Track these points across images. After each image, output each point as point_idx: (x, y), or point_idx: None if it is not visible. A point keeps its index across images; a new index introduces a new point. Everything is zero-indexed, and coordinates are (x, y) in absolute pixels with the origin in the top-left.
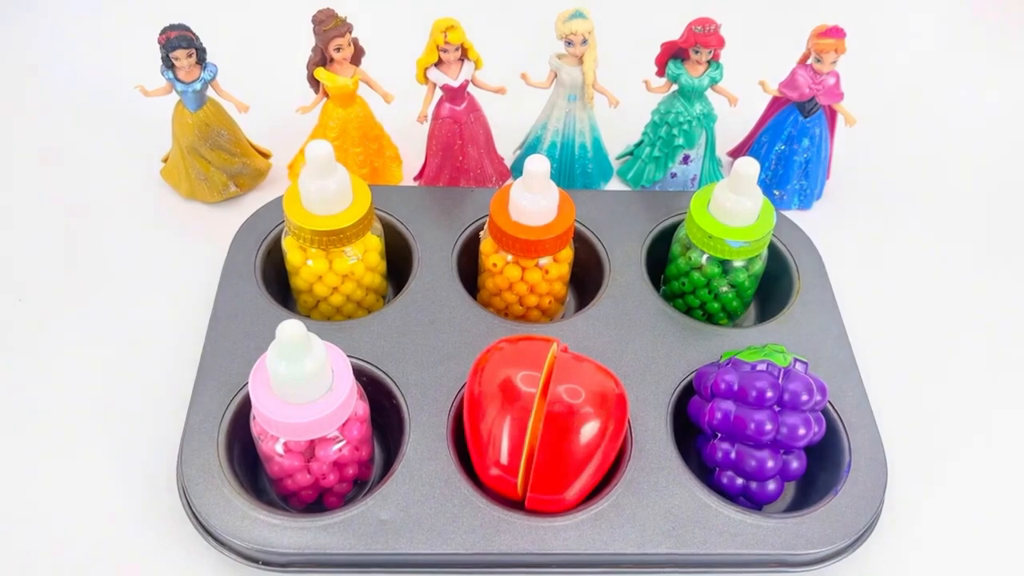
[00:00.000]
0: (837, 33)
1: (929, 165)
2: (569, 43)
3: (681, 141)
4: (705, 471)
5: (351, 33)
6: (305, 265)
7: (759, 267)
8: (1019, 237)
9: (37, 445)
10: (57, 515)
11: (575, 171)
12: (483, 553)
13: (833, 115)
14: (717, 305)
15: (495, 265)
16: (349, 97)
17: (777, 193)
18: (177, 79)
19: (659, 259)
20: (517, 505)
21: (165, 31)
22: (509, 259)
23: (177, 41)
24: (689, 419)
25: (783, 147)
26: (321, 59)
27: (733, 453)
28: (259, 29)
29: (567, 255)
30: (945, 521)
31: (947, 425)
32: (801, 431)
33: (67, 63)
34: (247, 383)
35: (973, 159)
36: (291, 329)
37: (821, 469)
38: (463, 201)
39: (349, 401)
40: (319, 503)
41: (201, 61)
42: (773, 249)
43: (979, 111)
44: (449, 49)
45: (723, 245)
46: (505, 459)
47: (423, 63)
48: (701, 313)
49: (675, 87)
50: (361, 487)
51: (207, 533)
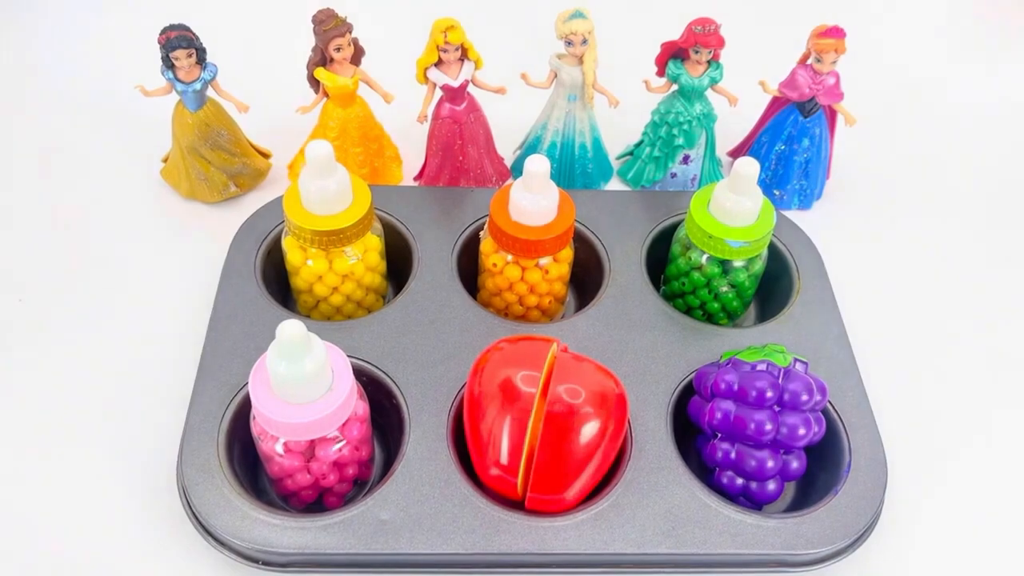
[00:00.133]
0: (837, 33)
1: (929, 165)
2: (569, 43)
3: (681, 141)
4: (705, 471)
5: (351, 33)
6: (305, 265)
7: (759, 267)
8: (1019, 237)
9: (37, 445)
10: (57, 515)
11: (575, 171)
12: (483, 553)
13: (833, 115)
14: (717, 305)
15: (495, 265)
16: (349, 97)
17: (777, 193)
18: (177, 79)
19: (659, 259)
20: (517, 505)
21: (165, 31)
22: (509, 259)
23: (177, 41)
24: (689, 419)
25: (783, 147)
26: (321, 59)
27: (733, 453)
28: (259, 29)
29: (567, 255)
30: (945, 521)
31: (947, 425)
32: (801, 431)
33: (67, 63)
34: (247, 383)
35: (973, 159)
36: (291, 329)
37: (821, 469)
38: (463, 201)
39: (349, 401)
40: (319, 503)
41: (201, 61)
42: (773, 249)
43: (979, 111)
44: (449, 49)
45: (723, 245)
46: (505, 459)
47: (423, 63)
48: (701, 313)
49: (675, 87)
50: (361, 487)
51: (207, 533)
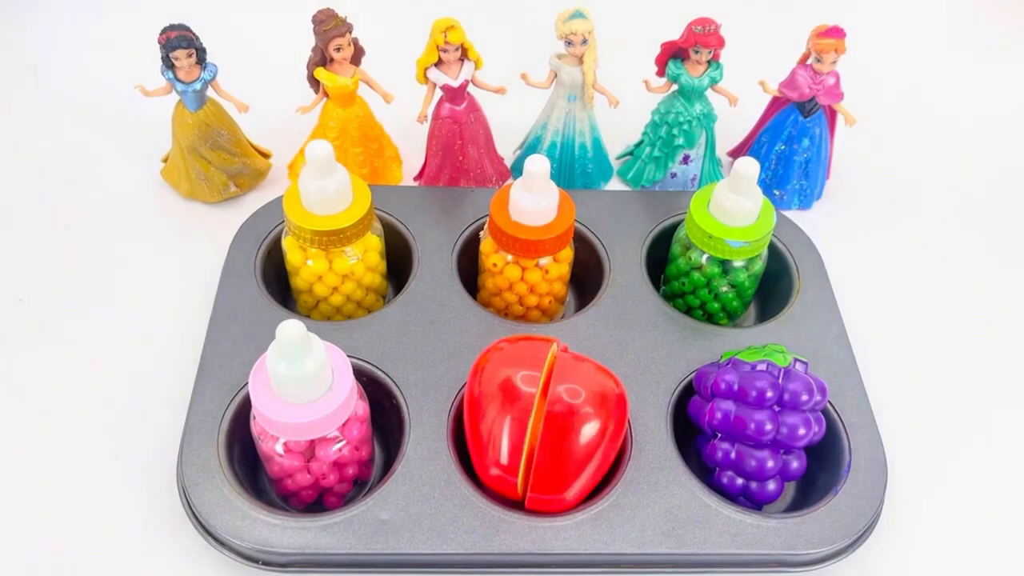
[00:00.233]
0: (837, 33)
1: (929, 165)
2: (569, 43)
3: (681, 141)
4: (705, 471)
5: (351, 33)
6: (305, 265)
7: (759, 267)
8: (1019, 237)
9: (37, 445)
10: (57, 515)
11: (575, 171)
12: (483, 553)
13: (833, 115)
14: (717, 305)
15: (495, 265)
16: (349, 97)
17: (777, 193)
18: (177, 79)
19: (659, 259)
20: (517, 505)
21: (165, 31)
22: (509, 259)
23: (177, 41)
24: (689, 419)
25: (783, 147)
26: (321, 59)
27: (733, 453)
28: (259, 29)
29: (567, 255)
30: (945, 521)
31: (947, 425)
32: (801, 431)
33: (67, 63)
34: (247, 383)
35: (973, 159)
36: (291, 329)
37: (821, 469)
38: (463, 201)
39: (349, 401)
40: (319, 503)
41: (201, 61)
42: (773, 249)
43: (979, 111)
44: (449, 49)
45: (723, 245)
46: (505, 459)
47: (423, 63)
48: (701, 313)
49: (675, 87)
50: (361, 487)
51: (207, 533)
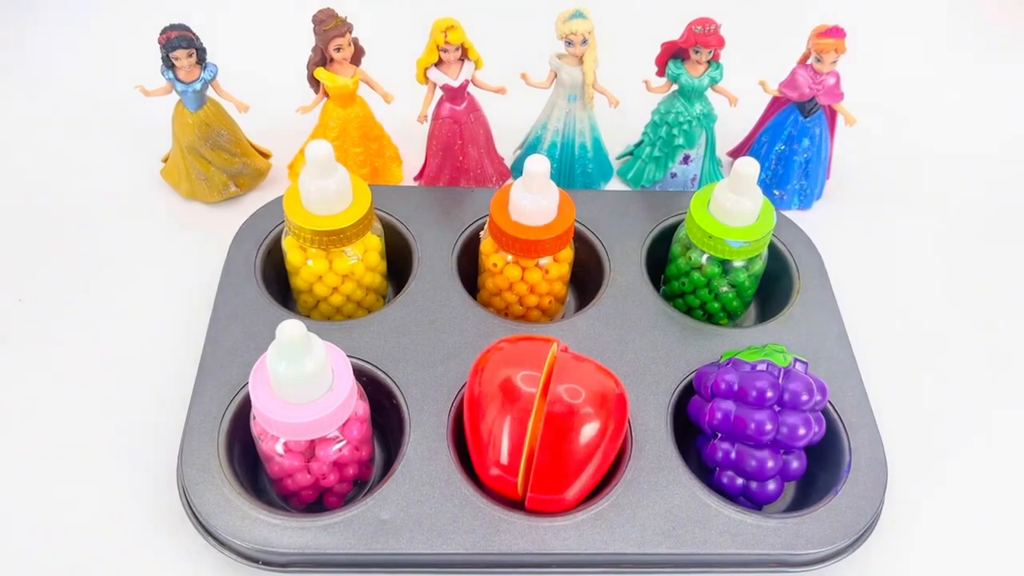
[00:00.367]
0: (837, 33)
1: (929, 165)
2: (569, 43)
3: (681, 141)
4: (705, 471)
5: (351, 33)
6: (305, 265)
7: (759, 267)
8: (1019, 237)
9: (37, 445)
10: (57, 515)
11: (575, 171)
12: (483, 553)
13: (833, 115)
14: (717, 305)
15: (495, 265)
16: (349, 97)
17: (777, 193)
18: (177, 79)
19: (659, 259)
20: (517, 505)
21: (165, 31)
22: (509, 259)
23: (177, 41)
24: (689, 419)
25: (783, 147)
26: (321, 59)
27: (733, 453)
28: (259, 29)
29: (567, 255)
30: (945, 521)
31: (947, 425)
32: (801, 431)
33: (67, 63)
34: (247, 383)
35: (973, 159)
36: (291, 329)
37: (821, 469)
38: (463, 201)
39: (349, 401)
40: (319, 503)
41: (201, 61)
42: (773, 249)
43: (979, 111)
44: (449, 49)
45: (723, 245)
46: (505, 459)
47: (423, 63)
48: (701, 313)
49: (675, 87)
50: (361, 487)
51: (207, 533)
